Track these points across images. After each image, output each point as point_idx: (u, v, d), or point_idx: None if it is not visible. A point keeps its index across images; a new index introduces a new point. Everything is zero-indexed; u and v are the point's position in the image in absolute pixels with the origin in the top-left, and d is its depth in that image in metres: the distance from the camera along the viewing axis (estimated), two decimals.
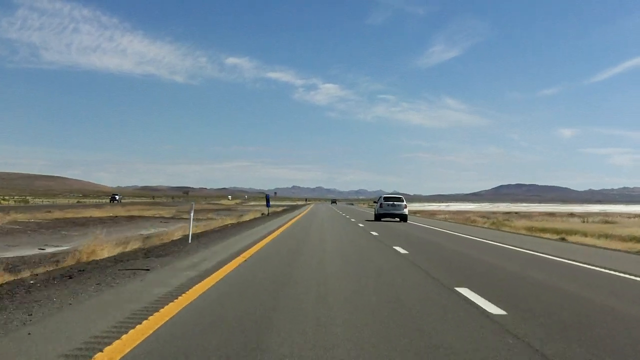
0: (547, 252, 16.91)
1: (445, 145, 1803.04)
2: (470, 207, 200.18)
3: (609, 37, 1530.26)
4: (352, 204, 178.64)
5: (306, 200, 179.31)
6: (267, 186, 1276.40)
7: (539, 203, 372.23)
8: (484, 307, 7.40)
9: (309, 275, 10.27)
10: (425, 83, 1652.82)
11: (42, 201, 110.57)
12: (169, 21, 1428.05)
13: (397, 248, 17.01)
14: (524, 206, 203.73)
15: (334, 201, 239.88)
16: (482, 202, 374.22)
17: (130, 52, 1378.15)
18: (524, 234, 28.97)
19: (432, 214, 63.96)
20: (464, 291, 8.62)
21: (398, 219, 39.28)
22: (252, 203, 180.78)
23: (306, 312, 6.84)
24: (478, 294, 8.37)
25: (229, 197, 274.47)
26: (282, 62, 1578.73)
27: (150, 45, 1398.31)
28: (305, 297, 7.94)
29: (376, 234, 24.89)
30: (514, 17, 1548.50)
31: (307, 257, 13.81)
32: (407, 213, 39.90)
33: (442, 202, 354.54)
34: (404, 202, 39.72)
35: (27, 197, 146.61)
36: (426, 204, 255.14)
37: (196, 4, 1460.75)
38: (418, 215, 66.01)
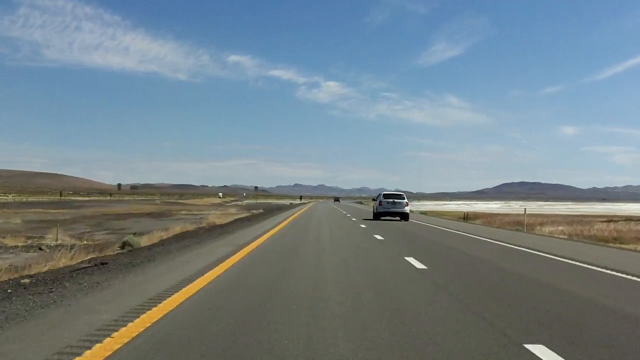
0: None
1: (447, 143, 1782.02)
2: (494, 206, 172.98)
3: (611, 36, 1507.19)
4: (362, 203, 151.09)
5: (300, 198, 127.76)
6: (269, 184, 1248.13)
7: (545, 201, 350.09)
8: None
9: None
10: (427, 81, 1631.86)
11: None
12: (171, 19, 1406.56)
13: None
14: (551, 205, 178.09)
15: (336, 199, 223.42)
16: (498, 201, 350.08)
17: (133, 50, 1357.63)
18: None
19: (548, 218, 34.44)
20: None
21: (399, 218, 36.64)
22: (247, 201, 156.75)
23: None
24: None
25: (220, 194, 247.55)
26: (284, 60, 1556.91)
27: (152, 43, 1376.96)
28: None
29: None
30: (516, 15, 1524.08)
31: None
32: (408, 211, 37.14)
33: (452, 201, 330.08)
34: (405, 200, 37.10)
35: None
36: (443, 203, 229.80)
37: (198, 2, 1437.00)
38: (487, 225, 38.06)
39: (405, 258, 12.59)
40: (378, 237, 19.66)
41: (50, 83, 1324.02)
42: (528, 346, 5.17)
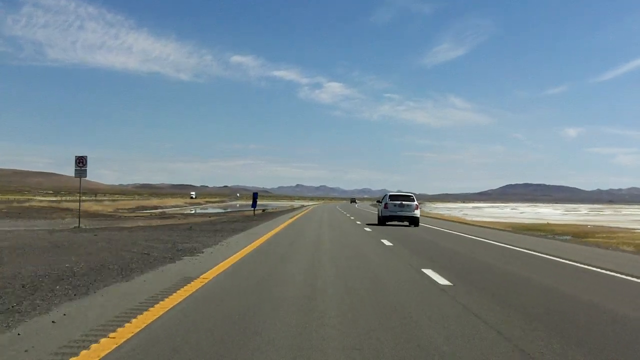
0: None
1: (450, 144, 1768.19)
2: (550, 210, 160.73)
3: (616, 37, 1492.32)
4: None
5: (254, 201, 69.61)
6: (270, 185, 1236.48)
7: (550, 203, 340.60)
8: None
9: None
10: (430, 82, 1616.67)
11: None
12: (174, 19, 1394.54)
13: None
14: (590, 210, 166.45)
15: (353, 200, 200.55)
16: (513, 203, 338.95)
17: (136, 50, 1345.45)
18: None
19: None
20: None
21: (407, 223, 32.55)
22: (240, 202, 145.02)
23: None
24: None
25: (192, 194, 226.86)
26: (287, 61, 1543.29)
27: (155, 43, 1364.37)
28: None
29: None
30: (520, 15, 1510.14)
31: None
32: (418, 215, 32.91)
33: (467, 203, 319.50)
34: (415, 202, 32.68)
35: None
36: (473, 206, 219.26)
37: (201, 2, 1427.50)
38: None
39: None
40: None
41: (54, 82, 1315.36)
42: None
